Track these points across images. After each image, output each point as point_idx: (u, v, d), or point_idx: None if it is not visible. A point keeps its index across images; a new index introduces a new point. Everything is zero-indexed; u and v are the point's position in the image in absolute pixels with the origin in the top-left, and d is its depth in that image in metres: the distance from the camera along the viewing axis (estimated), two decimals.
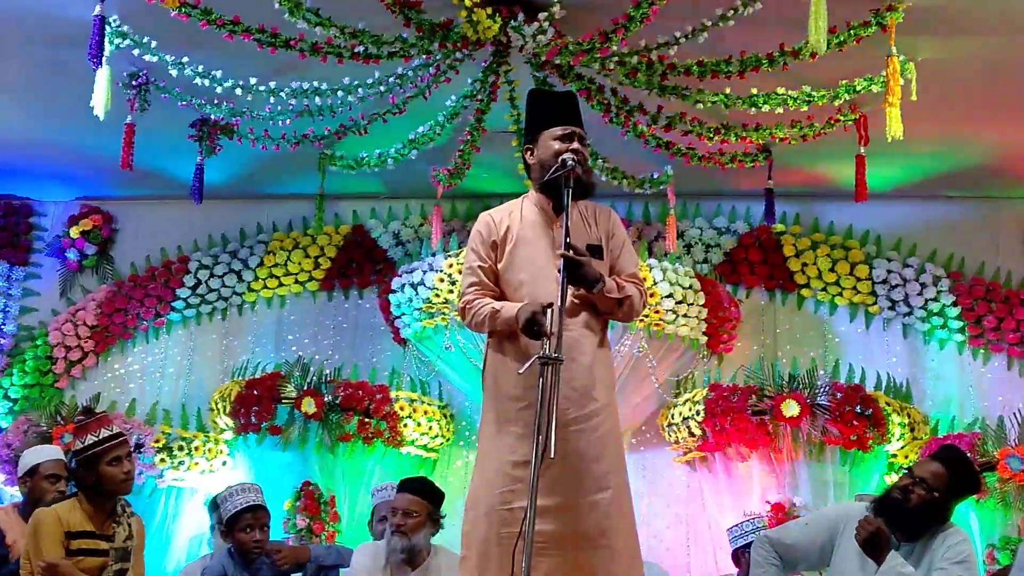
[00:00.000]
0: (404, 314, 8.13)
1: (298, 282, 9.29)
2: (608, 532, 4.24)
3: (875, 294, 8.77)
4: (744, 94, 6.56)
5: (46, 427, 8.46)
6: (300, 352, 8.96)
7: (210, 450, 8.48)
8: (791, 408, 7.56)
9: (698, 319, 7.95)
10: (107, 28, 6.02)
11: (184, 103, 7.02)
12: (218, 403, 8.37)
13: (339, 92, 6.66)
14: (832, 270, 8.81)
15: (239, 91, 6.63)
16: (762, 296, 8.95)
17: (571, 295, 4.23)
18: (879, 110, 6.30)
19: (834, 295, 8.83)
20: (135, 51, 6.41)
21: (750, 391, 7.76)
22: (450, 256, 7.82)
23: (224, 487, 6.45)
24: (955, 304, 8.64)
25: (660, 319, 7.72)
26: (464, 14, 5.74)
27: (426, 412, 8.24)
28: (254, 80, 6.62)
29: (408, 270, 8.09)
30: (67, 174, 9.12)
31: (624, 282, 4.43)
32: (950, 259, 8.80)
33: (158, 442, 8.32)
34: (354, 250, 9.25)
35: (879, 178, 8.00)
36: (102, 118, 6.27)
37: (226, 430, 8.38)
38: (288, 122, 7.05)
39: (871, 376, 8.23)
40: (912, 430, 7.94)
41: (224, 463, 8.49)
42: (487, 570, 4.21)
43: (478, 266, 4.45)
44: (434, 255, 7.91)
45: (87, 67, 6.05)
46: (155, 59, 6.46)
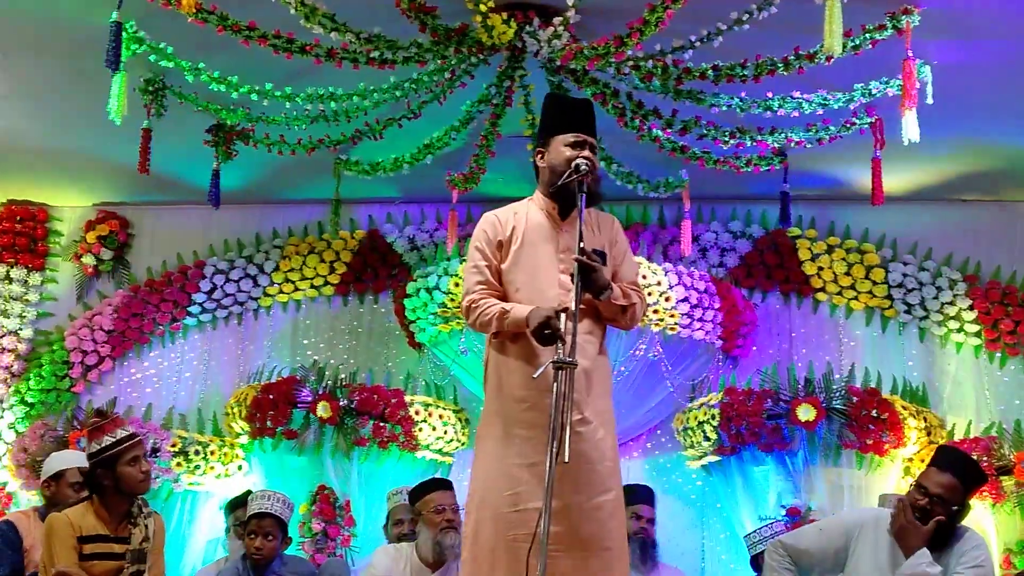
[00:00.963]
0: (419, 318, 8.13)
1: (314, 287, 9.31)
2: (612, 534, 4.27)
3: (891, 298, 8.75)
4: (759, 98, 6.55)
5: (63, 432, 8.50)
6: (316, 357, 8.98)
7: (226, 454, 8.49)
8: (807, 412, 7.54)
9: (713, 323, 7.94)
10: (124, 34, 6.04)
11: (200, 108, 7.04)
12: (234, 408, 8.38)
13: (354, 97, 6.67)
14: (848, 274, 8.79)
15: (255, 96, 6.64)
16: (778, 300, 8.94)
17: (581, 301, 4.21)
18: (895, 113, 6.29)
19: (850, 299, 8.81)
20: (151, 57, 6.43)
21: (766, 395, 7.75)
22: (465, 261, 7.82)
23: (265, 492, 6.47)
24: (971, 308, 8.61)
25: (675, 323, 7.71)
26: (479, 19, 5.74)
27: (441, 416, 8.24)
28: (270, 85, 6.63)
29: (423, 274, 8.09)
30: (84, 179, 9.15)
31: (628, 290, 4.45)
32: (966, 263, 8.78)
33: (174, 446, 8.34)
34: (369, 255, 9.26)
35: (895, 181, 7.99)
36: (119, 123, 6.27)
37: (242, 434, 8.40)
38: (304, 127, 7.06)
39: (887, 380, 8.20)
40: (928, 434, 7.92)
41: (240, 467, 8.50)
42: (494, 573, 4.21)
43: (484, 265, 4.45)
44: (449, 259, 7.91)
45: (104, 73, 6.07)
46: (171, 65, 6.48)
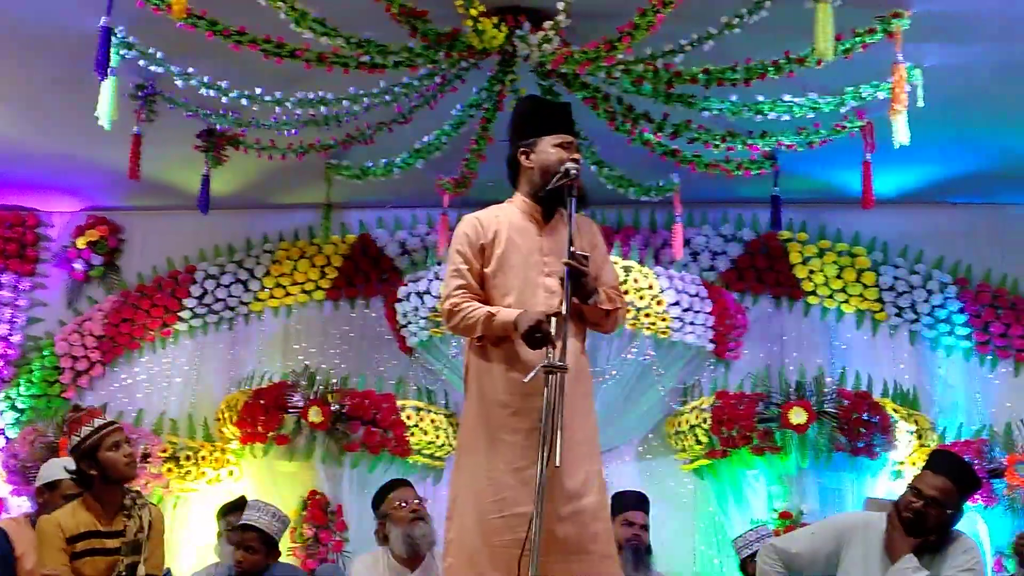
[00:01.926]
0: (410, 323, 8.12)
1: (304, 292, 9.29)
2: (598, 537, 4.24)
3: (882, 301, 8.76)
4: (750, 101, 6.55)
5: (53, 437, 8.45)
6: (307, 362, 8.95)
7: (217, 460, 8.48)
8: (798, 415, 7.55)
9: (705, 326, 7.94)
10: (113, 39, 6.02)
11: (190, 113, 7.02)
12: (225, 413, 8.37)
13: (345, 102, 6.67)
14: (839, 277, 8.80)
15: (245, 101, 6.63)
16: (769, 303, 8.94)
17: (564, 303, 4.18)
18: (885, 117, 6.30)
19: (840, 302, 8.82)
20: (141, 62, 6.42)
21: (757, 398, 7.76)
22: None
23: (258, 503, 6.45)
24: (962, 311, 8.63)
25: (667, 326, 7.71)
26: (470, 23, 5.74)
27: (433, 421, 8.23)
28: (260, 90, 6.62)
29: (414, 279, 8.10)
30: (74, 185, 9.13)
31: (612, 294, 4.44)
32: (957, 265, 8.79)
33: (165, 452, 8.33)
34: (360, 259, 9.24)
35: (886, 185, 8.01)
36: (108, 129, 6.27)
37: (233, 440, 8.38)
38: (294, 132, 7.06)
39: (878, 383, 8.21)
40: (919, 437, 7.93)
41: (231, 473, 8.49)
42: None
43: (466, 269, 4.36)
44: (440, 264, 7.91)
45: (93, 78, 6.05)
46: (161, 70, 6.47)
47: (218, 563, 6.95)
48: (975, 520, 7.67)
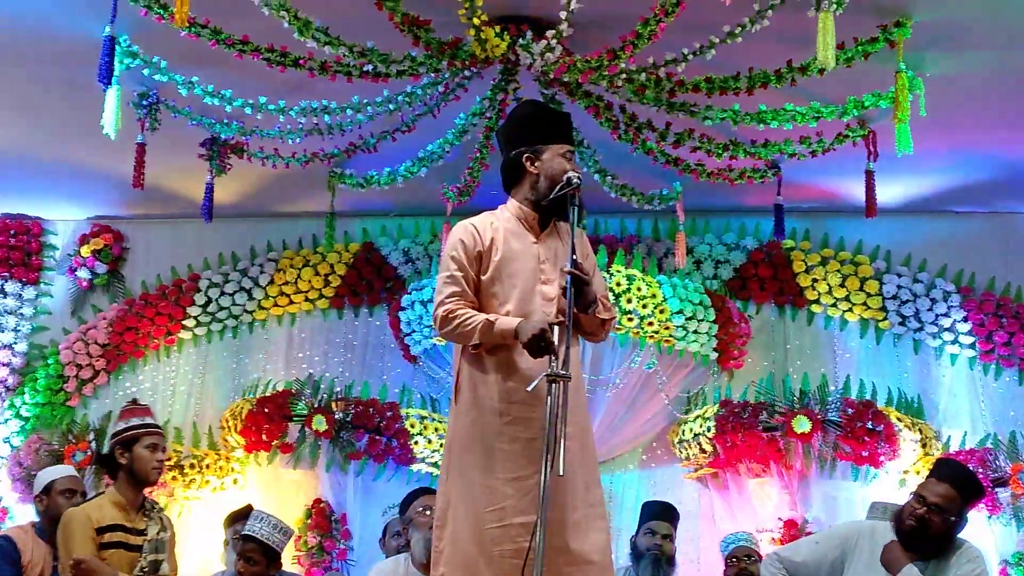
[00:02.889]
0: (414, 331, 8.13)
1: (308, 300, 9.29)
2: (600, 547, 4.23)
3: (885, 310, 8.75)
4: (752, 110, 6.56)
5: (58, 445, 8.49)
6: (311, 370, 8.96)
7: (221, 468, 8.48)
8: (802, 424, 7.55)
9: (708, 335, 7.94)
10: (117, 48, 6.05)
11: (194, 122, 7.05)
12: (229, 421, 8.38)
13: (348, 110, 6.68)
14: (842, 286, 8.78)
15: (249, 110, 6.65)
16: (772, 312, 8.93)
17: (561, 313, 4.16)
18: (888, 126, 6.31)
19: (844, 311, 8.81)
20: (145, 71, 6.44)
21: (761, 407, 7.76)
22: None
23: (260, 514, 6.47)
24: (966, 319, 8.60)
25: (670, 335, 7.71)
26: (473, 32, 5.75)
27: (437, 429, 8.22)
28: (264, 99, 6.64)
29: (418, 287, 8.10)
30: (78, 193, 9.14)
31: (606, 303, 4.43)
32: (960, 274, 8.78)
33: (170, 460, 8.32)
34: (364, 268, 9.24)
35: (889, 193, 8.00)
36: (113, 138, 6.29)
37: (237, 448, 8.39)
38: (298, 140, 7.07)
39: (882, 392, 8.20)
40: (924, 446, 7.92)
41: (235, 481, 8.49)
42: None
43: (461, 276, 4.29)
44: None
45: (98, 87, 6.08)
46: (165, 79, 6.49)
47: (224, 571, 6.97)
48: (981, 529, 7.66)
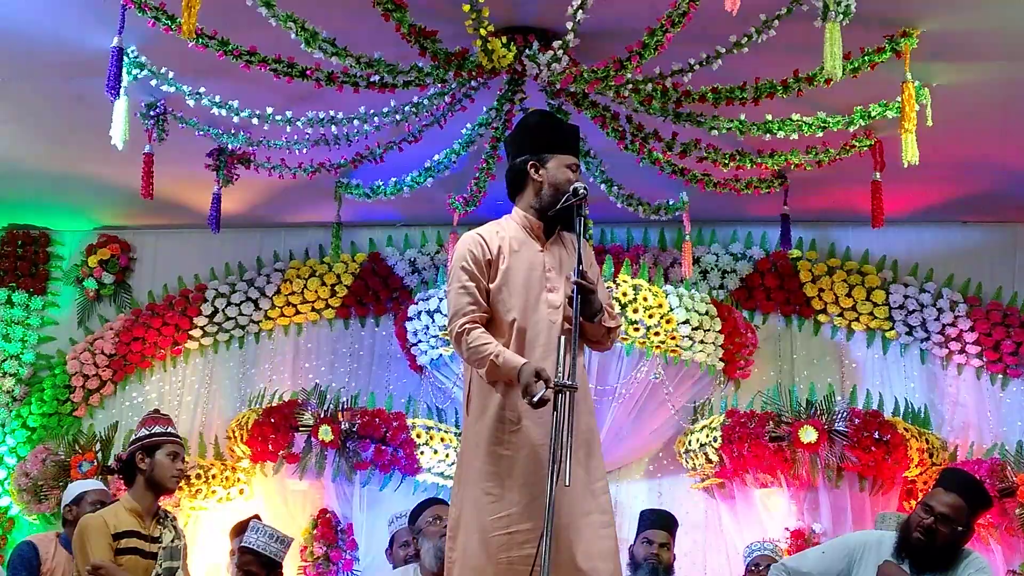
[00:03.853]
0: (420, 341, 8.14)
1: (315, 310, 9.29)
2: (609, 554, 4.24)
3: (892, 319, 8.74)
4: (759, 120, 6.57)
5: (64, 456, 8.48)
6: (317, 380, 8.95)
7: (227, 478, 8.48)
8: (809, 434, 7.53)
9: (715, 345, 7.94)
10: (125, 59, 6.07)
11: (201, 133, 7.06)
12: (235, 431, 8.38)
13: (355, 121, 6.69)
14: (849, 295, 8.78)
15: (256, 120, 6.66)
16: (779, 322, 8.93)
17: (567, 320, 4.20)
18: (895, 136, 6.31)
19: (851, 320, 8.81)
20: (153, 82, 6.46)
21: (767, 417, 7.74)
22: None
23: (258, 525, 6.48)
24: (973, 329, 8.60)
25: (677, 345, 7.71)
26: (479, 43, 5.76)
27: (443, 439, 8.23)
28: (271, 110, 6.65)
29: (424, 297, 8.11)
30: (85, 204, 9.16)
31: (612, 312, 4.46)
32: (967, 284, 8.78)
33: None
34: (370, 278, 9.24)
35: (895, 203, 7.99)
36: (120, 148, 6.30)
37: (243, 458, 8.39)
38: (304, 151, 7.08)
39: (889, 402, 8.19)
40: (931, 456, 7.91)
41: (241, 491, 8.49)
42: None
43: (474, 286, 4.31)
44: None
45: (105, 97, 6.09)
46: (172, 89, 6.51)
47: None
48: (988, 540, 7.65)
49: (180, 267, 9.51)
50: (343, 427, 8.02)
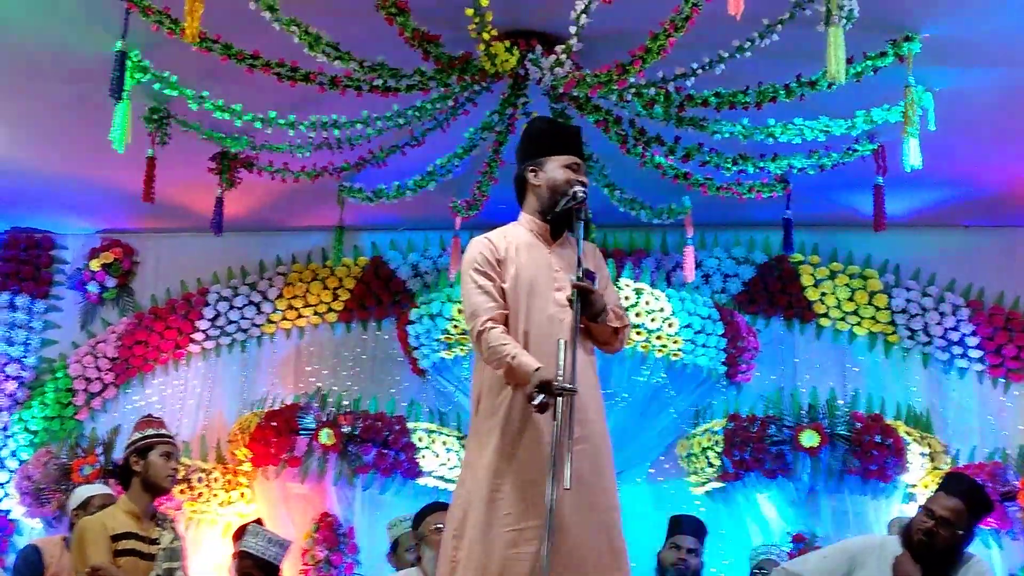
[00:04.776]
0: (423, 345, 8.13)
1: (317, 314, 9.30)
2: (620, 552, 4.25)
3: (894, 323, 8.74)
4: (761, 125, 6.57)
5: (66, 459, 8.49)
6: (319, 384, 8.97)
7: (229, 482, 8.49)
8: (810, 438, 7.54)
9: (717, 349, 7.93)
10: (128, 63, 6.07)
11: (204, 136, 7.06)
12: (237, 435, 8.38)
13: (358, 125, 6.69)
14: (851, 299, 8.78)
15: (259, 124, 6.66)
16: (781, 326, 8.94)
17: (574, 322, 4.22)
18: (897, 140, 6.31)
19: (853, 325, 8.81)
20: (156, 85, 6.46)
21: (769, 421, 7.75)
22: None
23: (257, 529, 6.48)
24: (975, 333, 8.60)
25: (679, 349, 7.71)
26: (482, 47, 5.77)
27: (445, 443, 8.23)
28: (273, 113, 6.65)
29: (426, 301, 8.11)
30: (88, 207, 9.18)
31: (619, 312, 4.48)
32: (969, 288, 8.78)
33: (178, 474, 8.32)
34: (373, 281, 9.25)
35: (897, 208, 8.00)
36: (121, 152, 6.31)
37: (245, 462, 8.39)
38: (307, 154, 7.09)
39: (891, 406, 8.19)
40: (932, 460, 7.91)
41: (243, 495, 8.49)
42: None
43: (490, 284, 4.35)
44: (452, 286, 7.92)
45: (108, 101, 6.09)
46: (176, 93, 6.51)
47: None
48: (989, 544, 7.65)
49: (182, 270, 9.53)
50: (345, 431, 8.02)
